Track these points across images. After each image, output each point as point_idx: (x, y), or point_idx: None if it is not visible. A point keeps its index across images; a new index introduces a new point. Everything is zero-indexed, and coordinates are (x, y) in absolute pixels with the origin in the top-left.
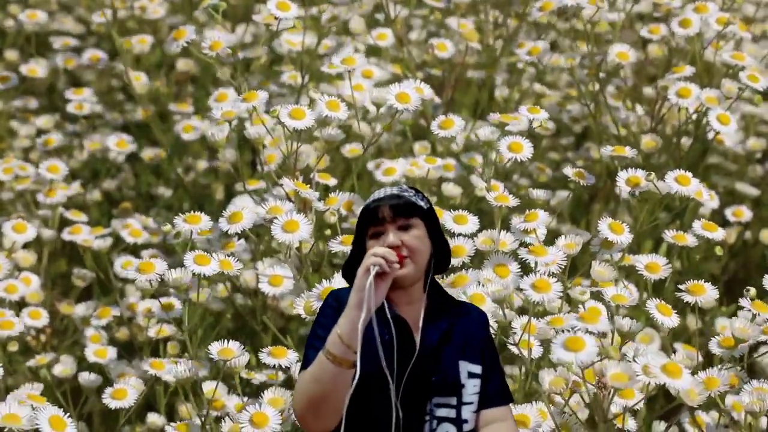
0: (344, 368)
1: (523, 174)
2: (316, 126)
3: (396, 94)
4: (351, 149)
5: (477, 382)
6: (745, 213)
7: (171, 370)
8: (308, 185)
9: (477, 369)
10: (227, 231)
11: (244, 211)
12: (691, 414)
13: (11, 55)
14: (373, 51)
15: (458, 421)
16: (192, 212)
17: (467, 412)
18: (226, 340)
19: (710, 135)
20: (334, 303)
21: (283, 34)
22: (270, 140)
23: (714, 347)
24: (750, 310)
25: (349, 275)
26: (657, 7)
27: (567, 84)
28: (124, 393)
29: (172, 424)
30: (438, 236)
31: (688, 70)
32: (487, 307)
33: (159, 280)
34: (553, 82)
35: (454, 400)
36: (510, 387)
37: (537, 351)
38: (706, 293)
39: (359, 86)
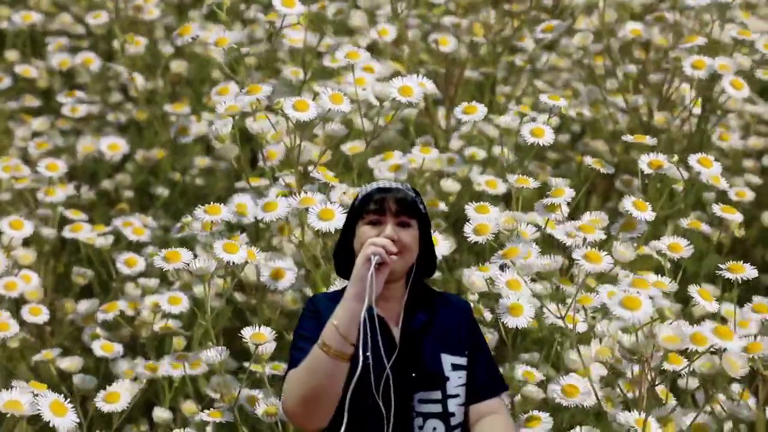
0: (339, 361)
1: (524, 172)
2: (319, 120)
3: (399, 87)
4: (351, 147)
5: (462, 373)
6: (747, 193)
7: (204, 356)
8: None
9: (461, 360)
10: (263, 219)
11: (279, 200)
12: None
13: (11, 55)
14: (372, 49)
15: (445, 416)
16: (213, 204)
17: (454, 405)
18: (257, 326)
19: (712, 124)
20: (312, 307)
21: (284, 31)
22: (272, 134)
23: (749, 313)
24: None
25: (339, 256)
26: None
27: (564, 84)
28: (117, 396)
29: (206, 411)
30: (427, 242)
31: (700, 39)
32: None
33: (160, 277)
34: (552, 81)
35: (438, 394)
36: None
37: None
38: (746, 271)
39: (361, 80)
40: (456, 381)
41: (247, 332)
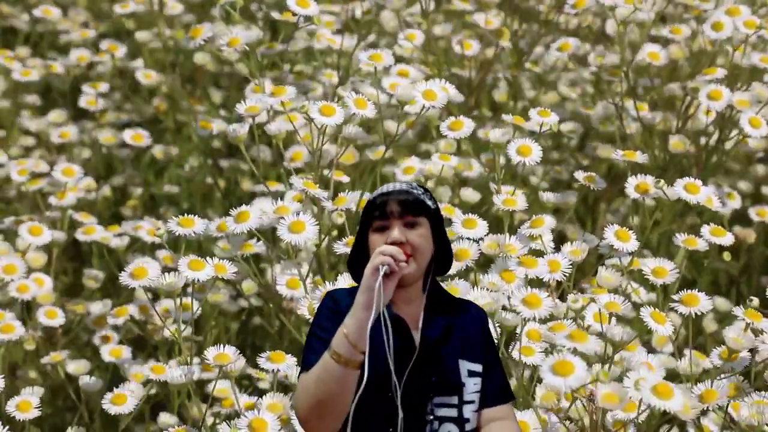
0: (350, 369)
1: (534, 173)
2: (343, 123)
3: (423, 91)
4: (377, 152)
5: (477, 380)
6: None
7: (171, 375)
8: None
9: (477, 367)
10: (234, 230)
11: (251, 210)
12: (697, 421)
13: (22, 51)
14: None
15: (460, 421)
16: (186, 215)
17: (468, 411)
18: (223, 345)
19: (732, 139)
20: (332, 304)
21: (320, 30)
22: (300, 136)
23: (715, 359)
24: (744, 319)
25: (353, 267)
26: (687, 9)
27: (572, 82)
28: (124, 398)
29: (171, 429)
30: (442, 237)
31: (720, 72)
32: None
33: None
34: (577, 80)
35: (455, 399)
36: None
37: (540, 358)
38: (700, 303)
39: (394, 85)
40: (472, 387)
41: (211, 353)
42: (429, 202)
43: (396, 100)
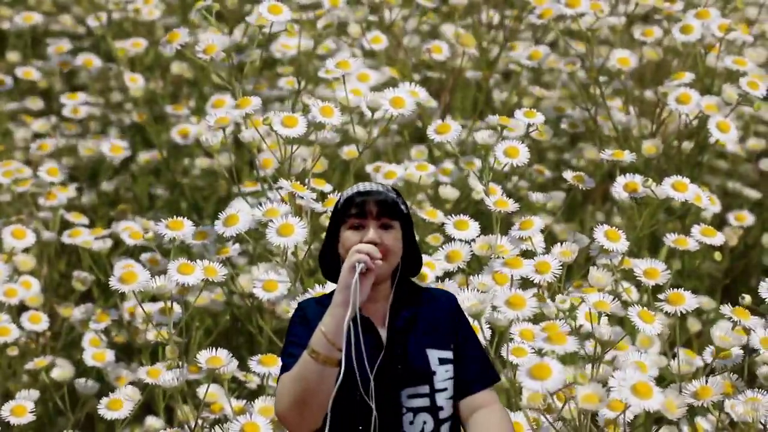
0: (328, 366)
1: (521, 176)
2: (311, 130)
3: (390, 98)
4: (348, 152)
5: (449, 367)
6: (748, 217)
7: (161, 378)
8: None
9: (447, 354)
10: (223, 233)
11: (240, 213)
12: (691, 419)
13: (12, 57)
14: (369, 54)
15: (434, 410)
16: (175, 218)
17: (442, 399)
18: (214, 348)
19: (711, 140)
20: (300, 313)
21: (280, 37)
22: (266, 144)
23: (708, 357)
24: (731, 317)
25: (323, 261)
26: (657, 11)
27: (563, 84)
28: (120, 404)
29: (168, 430)
30: (411, 242)
31: (688, 76)
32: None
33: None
34: (551, 82)
35: (426, 389)
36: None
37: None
38: (686, 302)
39: (357, 90)
40: (443, 375)
41: (203, 356)
42: (402, 207)
43: (365, 108)
